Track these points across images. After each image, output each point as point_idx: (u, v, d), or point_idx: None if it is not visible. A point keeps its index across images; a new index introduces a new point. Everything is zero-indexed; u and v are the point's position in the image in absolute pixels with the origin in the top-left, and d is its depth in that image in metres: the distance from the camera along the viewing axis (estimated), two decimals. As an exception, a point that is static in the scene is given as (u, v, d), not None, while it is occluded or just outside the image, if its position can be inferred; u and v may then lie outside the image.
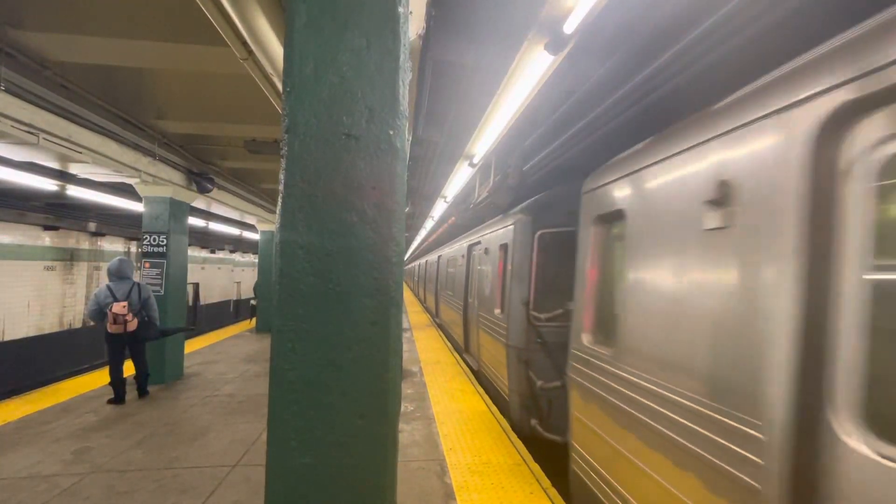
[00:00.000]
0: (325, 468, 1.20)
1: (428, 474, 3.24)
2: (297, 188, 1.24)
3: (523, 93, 2.93)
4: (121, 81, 4.07)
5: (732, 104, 1.74)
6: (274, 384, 1.20)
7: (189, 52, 3.22)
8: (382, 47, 1.30)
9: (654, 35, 2.78)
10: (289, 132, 1.24)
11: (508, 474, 3.23)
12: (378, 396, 1.24)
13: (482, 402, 4.97)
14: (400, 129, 1.31)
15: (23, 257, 10.62)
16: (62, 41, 3.18)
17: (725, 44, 2.41)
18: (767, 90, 1.58)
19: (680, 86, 2.76)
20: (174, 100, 4.56)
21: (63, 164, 4.87)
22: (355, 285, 1.24)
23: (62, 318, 12.03)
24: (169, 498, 2.92)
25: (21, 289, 10.65)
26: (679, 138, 2.01)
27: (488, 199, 7.23)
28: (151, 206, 5.71)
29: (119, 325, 4.63)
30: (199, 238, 18.61)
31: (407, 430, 4.07)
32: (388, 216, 1.27)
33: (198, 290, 19.63)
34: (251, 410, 4.64)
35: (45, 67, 3.47)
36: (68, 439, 3.83)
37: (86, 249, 12.77)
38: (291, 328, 1.21)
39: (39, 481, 3.12)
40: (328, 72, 1.27)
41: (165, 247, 5.69)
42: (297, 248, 1.23)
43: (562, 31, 2.10)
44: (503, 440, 3.87)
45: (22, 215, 10.28)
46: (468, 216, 10.01)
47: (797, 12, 2.09)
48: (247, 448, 3.70)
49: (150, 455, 3.55)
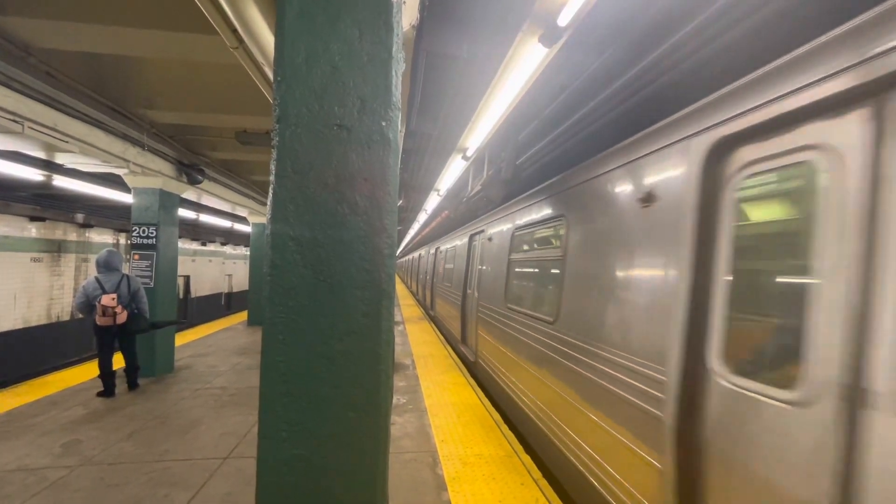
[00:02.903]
0: (316, 460, 1.20)
1: (420, 466, 3.26)
2: (288, 179, 1.23)
3: (517, 86, 2.92)
4: (108, 70, 3.99)
5: (653, 133, 2.37)
6: (265, 376, 1.20)
7: (178, 41, 3.16)
8: (375, 37, 1.28)
9: (648, 29, 2.79)
10: (280, 122, 1.23)
11: (500, 466, 3.26)
12: (370, 388, 1.24)
13: (474, 394, 5.00)
14: (392, 121, 1.30)
15: (8, 248, 10.44)
16: (47, 27, 3.10)
17: (721, 38, 2.43)
18: (677, 124, 2.15)
19: (674, 80, 2.77)
20: (163, 89, 4.48)
21: (49, 153, 4.77)
22: (347, 277, 1.24)
23: (50, 310, 11.87)
24: (160, 490, 2.92)
25: (7, 281, 10.48)
26: (613, 158, 2.74)
27: (481, 193, 7.22)
28: (141, 197, 5.63)
29: (108, 318, 4.58)
30: (190, 230, 18.42)
31: (399, 423, 4.09)
32: (380, 208, 1.27)
33: (188, 282, 19.46)
34: (243, 403, 4.62)
35: (30, 54, 3.39)
36: (57, 432, 3.80)
37: (74, 241, 12.58)
38: (282, 320, 1.21)
39: (28, 474, 3.09)
40: (320, 61, 1.25)
41: (155, 238, 5.62)
42: (289, 239, 1.22)
43: (556, 24, 2.09)
44: (495, 432, 3.90)
45: (7, 206, 10.09)
46: (462, 210, 10.01)
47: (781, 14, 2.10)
48: (238, 440, 3.69)
49: (141, 448, 3.53)
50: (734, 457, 1.66)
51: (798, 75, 1.52)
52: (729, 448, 1.69)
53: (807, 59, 1.51)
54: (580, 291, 3.03)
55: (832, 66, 1.41)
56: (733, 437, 1.67)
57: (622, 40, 3.00)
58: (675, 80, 2.77)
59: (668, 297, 2.03)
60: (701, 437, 1.82)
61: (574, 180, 3.31)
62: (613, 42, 3.09)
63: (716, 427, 1.76)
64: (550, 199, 3.80)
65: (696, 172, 1.94)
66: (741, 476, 1.62)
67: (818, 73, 1.45)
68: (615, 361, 2.44)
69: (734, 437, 1.67)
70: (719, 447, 1.73)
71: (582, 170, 3.21)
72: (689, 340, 1.89)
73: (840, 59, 1.39)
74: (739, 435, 1.65)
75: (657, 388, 2.04)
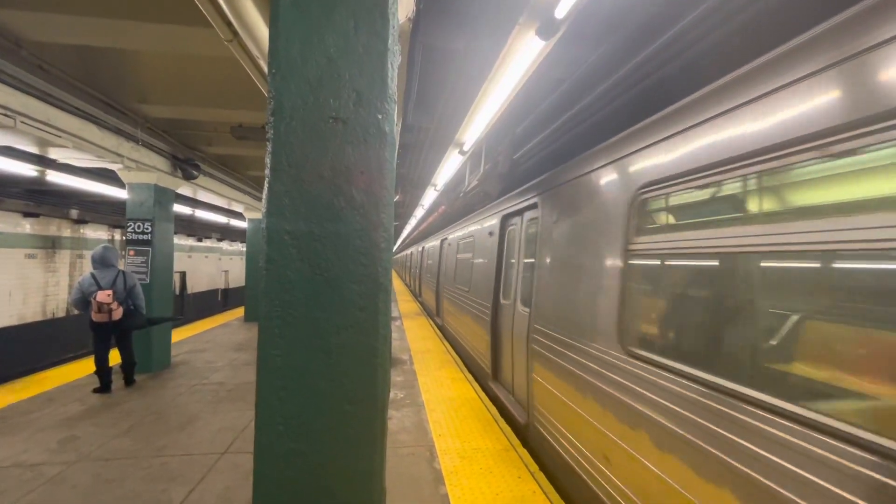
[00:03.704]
0: (313, 454, 1.20)
1: (418, 460, 3.27)
2: (283, 172, 1.22)
3: (514, 79, 2.90)
4: (101, 63, 3.95)
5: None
6: (261, 370, 1.19)
7: (172, 33, 3.13)
8: (370, 29, 1.27)
9: (646, 21, 2.77)
10: (274, 115, 1.22)
11: (497, 459, 3.28)
12: (367, 382, 1.24)
13: (471, 389, 5.02)
14: (388, 114, 1.29)
15: (2, 245, 10.37)
16: (38, 19, 3.06)
17: (719, 29, 2.42)
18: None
19: (672, 72, 2.77)
20: (157, 83, 4.44)
21: (42, 148, 4.72)
22: (343, 271, 1.23)
23: (45, 306, 11.81)
24: (158, 485, 2.92)
25: (1, 277, 10.41)
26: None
27: (478, 188, 7.21)
28: (135, 192, 5.59)
29: (104, 314, 4.56)
30: (186, 226, 18.33)
31: (397, 417, 4.10)
32: (377, 202, 1.26)
33: (185, 278, 19.39)
34: (240, 398, 4.62)
35: (21, 47, 3.35)
36: (54, 428, 3.79)
37: (68, 237, 12.50)
38: (279, 314, 1.20)
39: (24, 470, 3.08)
40: (315, 53, 1.24)
41: (150, 234, 5.59)
42: (284, 233, 1.21)
43: (553, 16, 2.08)
44: (492, 427, 3.92)
45: (0, 202, 10.01)
46: (459, 204, 9.99)
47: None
48: (236, 435, 3.69)
49: (138, 443, 3.53)
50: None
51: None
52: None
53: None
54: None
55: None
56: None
57: (619, 32, 2.99)
58: (673, 72, 2.76)
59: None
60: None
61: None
62: (610, 34, 3.08)
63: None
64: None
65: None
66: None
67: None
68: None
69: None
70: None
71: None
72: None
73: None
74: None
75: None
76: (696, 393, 1.79)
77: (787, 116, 1.52)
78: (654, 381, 2.05)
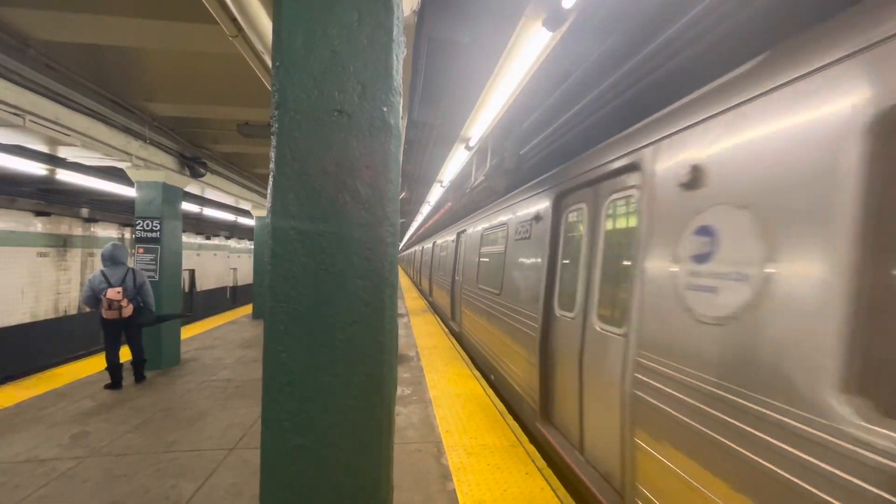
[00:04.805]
0: (319, 449, 1.19)
1: (425, 456, 3.27)
2: (287, 167, 1.20)
3: (521, 72, 2.86)
4: (108, 61, 3.96)
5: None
6: (267, 366, 1.18)
7: (177, 30, 3.13)
8: (374, 21, 1.25)
9: (655, 11, 2.72)
10: (279, 108, 1.20)
11: (504, 455, 3.27)
12: (373, 377, 1.23)
13: (479, 385, 5.01)
14: (394, 106, 1.27)
15: (15, 244, 10.51)
16: (46, 18, 3.07)
17: (727, 22, 2.36)
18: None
19: (682, 65, 2.71)
20: (164, 81, 4.45)
21: (52, 147, 4.77)
22: (348, 266, 1.22)
23: (57, 304, 11.97)
24: (167, 481, 2.94)
25: (14, 276, 10.56)
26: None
27: (485, 184, 7.17)
28: (144, 190, 5.63)
29: (114, 311, 4.60)
30: (194, 224, 18.47)
31: (404, 413, 4.10)
32: (382, 196, 1.25)
33: (193, 276, 19.56)
34: (249, 395, 4.65)
35: (29, 46, 3.36)
36: (66, 424, 3.84)
37: (79, 236, 12.65)
38: (284, 310, 1.19)
39: (37, 465, 3.13)
40: (319, 45, 1.22)
41: (159, 232, 5.63)
42: (289, 228, 1.20)
43: (560, 6, 2.04)
44: (499, 422, 3.90)
45: (12, 201, 10.14)
46: (465, 201, 9.96)
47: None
48: (244, 431, 3.72)
49: (148, 439, 3.56)
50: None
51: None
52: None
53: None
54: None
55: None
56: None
57: (628, 23, 2.94)
58: (682, 64, 2.71)
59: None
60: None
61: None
62: (618, 25, 3.02)
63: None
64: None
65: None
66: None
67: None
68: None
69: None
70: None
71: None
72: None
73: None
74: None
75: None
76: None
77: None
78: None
